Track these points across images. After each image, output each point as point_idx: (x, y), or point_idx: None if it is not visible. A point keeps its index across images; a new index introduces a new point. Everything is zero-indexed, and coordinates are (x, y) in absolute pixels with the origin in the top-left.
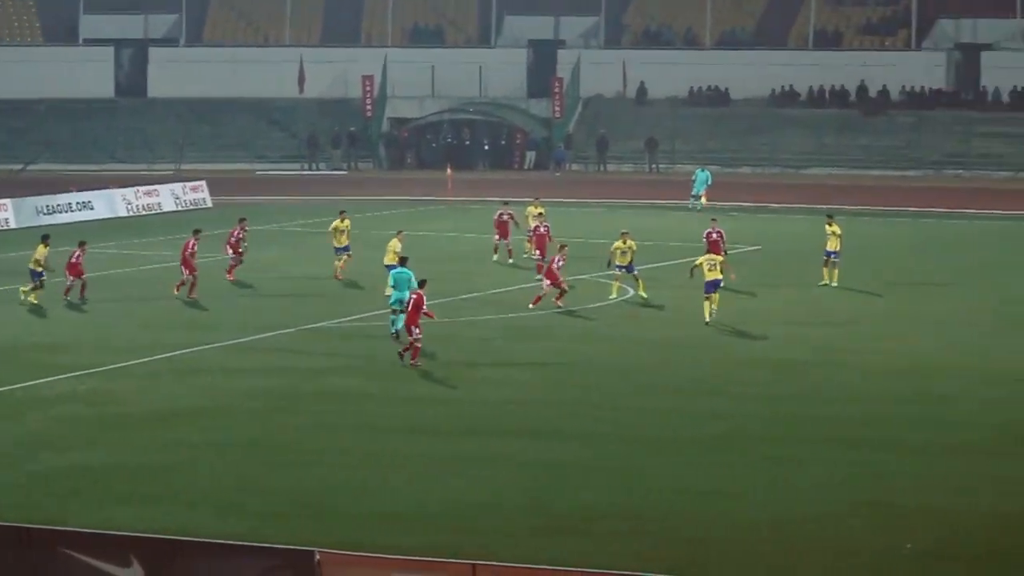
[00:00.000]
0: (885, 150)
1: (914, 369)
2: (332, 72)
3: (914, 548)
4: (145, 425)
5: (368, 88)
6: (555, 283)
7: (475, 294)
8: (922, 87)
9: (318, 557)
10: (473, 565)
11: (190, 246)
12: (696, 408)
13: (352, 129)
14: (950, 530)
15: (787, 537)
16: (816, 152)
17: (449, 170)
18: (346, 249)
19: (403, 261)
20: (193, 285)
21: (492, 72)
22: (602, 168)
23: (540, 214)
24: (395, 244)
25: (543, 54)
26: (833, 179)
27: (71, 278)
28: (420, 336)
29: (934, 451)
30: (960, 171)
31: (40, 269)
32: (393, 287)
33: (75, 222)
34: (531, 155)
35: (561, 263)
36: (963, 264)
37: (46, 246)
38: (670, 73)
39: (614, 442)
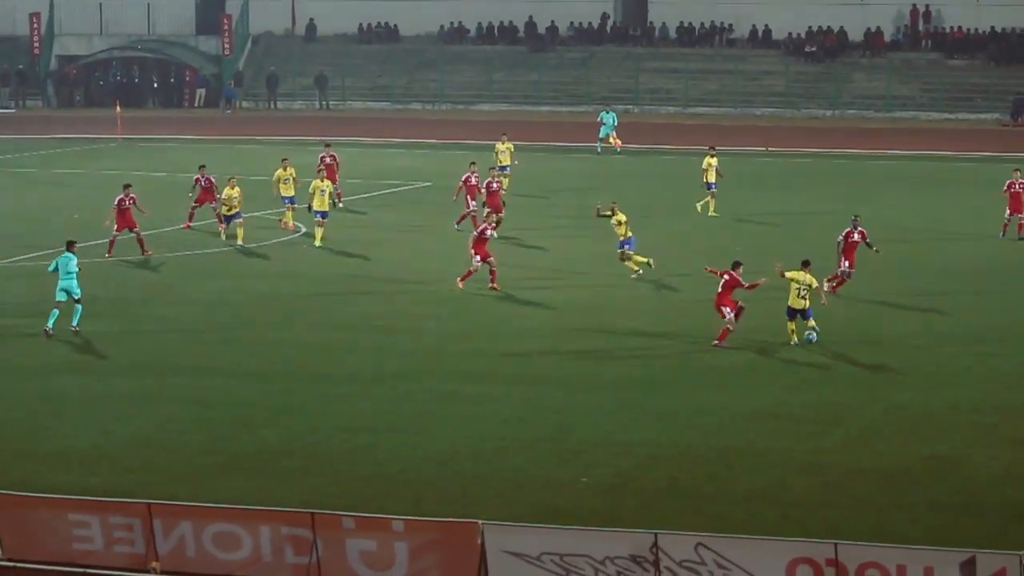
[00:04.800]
0: (555, 86)
1: (593, 306)
2: None
3: (590, 481)
4: None
5: (35, 25)
6: (484, 258)
7: (153, 231)
8: (590, 23)
9: None
10: (149, 504)
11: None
12: (370, 345)
13: (20, 67)
14: (629, 464)
15: (462, 471)
16: (486, 88)
17: (118, 108)
18: (291, 200)
19: (70, 245)
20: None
21: (160, 9)
22: (272, 105)
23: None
24: None
25: None
26: (503, 115)
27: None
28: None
29: (605, 387)
30: (629, 107)
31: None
32: (54, 272)
33: None
34: (201, 92)
35: (490, 232)
36: (638, 200)
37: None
38: (339, 9)
39: (290, 380)
